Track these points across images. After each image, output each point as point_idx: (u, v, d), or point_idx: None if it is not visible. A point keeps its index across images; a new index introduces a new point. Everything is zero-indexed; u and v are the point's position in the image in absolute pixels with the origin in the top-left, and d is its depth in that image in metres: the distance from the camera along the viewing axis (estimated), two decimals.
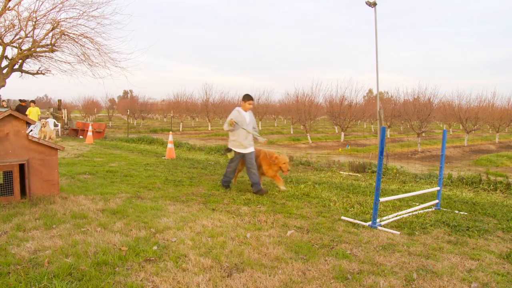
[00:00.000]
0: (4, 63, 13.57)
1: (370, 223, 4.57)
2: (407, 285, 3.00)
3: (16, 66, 13.77)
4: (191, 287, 2.85)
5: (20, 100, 16.92)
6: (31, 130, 14.52)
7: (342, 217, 4.85)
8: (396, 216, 4.95)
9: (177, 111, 31.76)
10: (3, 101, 18.52)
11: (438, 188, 5.67)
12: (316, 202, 5.68)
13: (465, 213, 5.29)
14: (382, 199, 4.80)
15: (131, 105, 33.55)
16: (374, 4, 9.62)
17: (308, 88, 36.52)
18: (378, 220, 4.63)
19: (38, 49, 13.41)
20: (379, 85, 10.21)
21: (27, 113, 15.29)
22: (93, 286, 2.78)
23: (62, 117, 19.73)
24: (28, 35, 13.10)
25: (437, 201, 5.63)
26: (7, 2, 12.10)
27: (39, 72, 14.52)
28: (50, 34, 13.17)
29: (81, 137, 17.56)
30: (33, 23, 12.74)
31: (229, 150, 6.36)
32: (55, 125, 17.97)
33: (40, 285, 2.76)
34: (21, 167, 5.27)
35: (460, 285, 3.03)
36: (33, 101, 16.59)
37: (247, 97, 6.46)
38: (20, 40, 13.30)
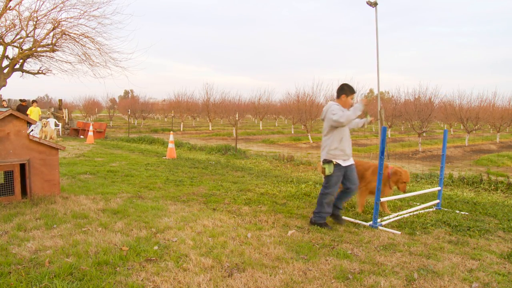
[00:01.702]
0: (5, 62, 13.60)
1: (371, 223, 4.56)
2: (408, 285, 3.00)
3: (17, 66, 13.79)
4: (192, 287, 2.85)
5: (21, 100, 16.93)
6: (32, 130, 14.54)
7: (343, 217, 4.84)
8: (397, 216, 4.95)
9: (178, 111, 31.77)
10: (4, 101, 18.55)
11: (439, 188, 5.66)
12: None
13: (466, 213, 5.28)
14: (383, 199, 4.80)
15: (132, 105, 33.54)
16: (375, 4, 9.59)
17: (309, 88, 36.43)
18: (379, 220, 4.63)
19: (39, 49, 13.43)
20: (380, 85, 10.19)
21: (28, 112, 15.31)
22: (94, 286, 2.78)
23: (63, 117, 19.75)
24: (29, 35, 13.13)
25: (438, 201, 5.62)
26: (8, 2, 12.12)
27: (40, 71, 14.54)
28: (51, 34, 13.19)
29: (82, 137, 17.58)
30: (34, 22, 12.76)
31: (328, 161, 4.50)
32: (56, 125, 17.98)
33: (41, 285, 2.76)
34: (22, 167, 5.27)
35: (461, 285, 3.02)
36: (34, 101, 16.60)
37: (351, 90, 4.55)
38: (21, 40, 13.32)
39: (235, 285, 2.90)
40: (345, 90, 4.53)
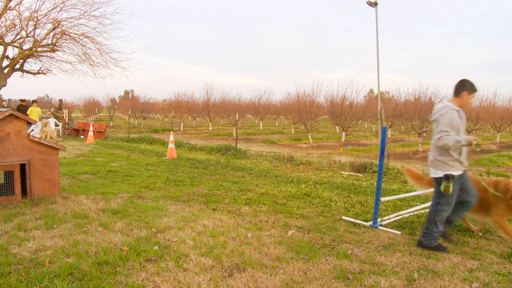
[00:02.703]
0: (5, 63, 13.59)
1: (371, 223, 4.56)
2: (408, 285, 3.00)
3: (17, 66, 13.78)
4: (192, 287, 2.85)
5: (21, 100, 16.93)
6: (32, 130, 14.54)
7: (343, 217, 4.84)
8: (397, 216, 4.95)
9: (178, 111, 31.77)
10: (4, 101, 18.55)
11: None
12: (317, 202, 5.68)
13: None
14: (383, 199, 4.80)
15: (132, 105, 33.53)
16: (375, 4, 9.59)
17: (309, 88, 36.60)
18: (379, 220, 4.63)
19: (39, 49, 13.42)
20: (380, 85, 10.19)
21: (28, 112, 15.30)
22: (94, 286, 2.78)
23: (63, 117, 19.76)
24: (29, 35, 13.12)
25: None
26: (8, 2, 12.11)
27: (40, 72, 14.52)
28: (51, 34, 13.18)
29: (82, 137, 17.58)
30: (34, 23, 12.75)
31: (451, 177, 3.73)
32: (56, 125, 17.98)
33: (41, 285, 2.76)
34: (22, 167, 5.27)
35: (461, 285, 3.02)
36: (34, 101, 16.61)
37: (473, 87, 3.82)
38: (21, 40, 13.31)
39: (235, 285, 2.90)
40: (467, 87, 3.80)
